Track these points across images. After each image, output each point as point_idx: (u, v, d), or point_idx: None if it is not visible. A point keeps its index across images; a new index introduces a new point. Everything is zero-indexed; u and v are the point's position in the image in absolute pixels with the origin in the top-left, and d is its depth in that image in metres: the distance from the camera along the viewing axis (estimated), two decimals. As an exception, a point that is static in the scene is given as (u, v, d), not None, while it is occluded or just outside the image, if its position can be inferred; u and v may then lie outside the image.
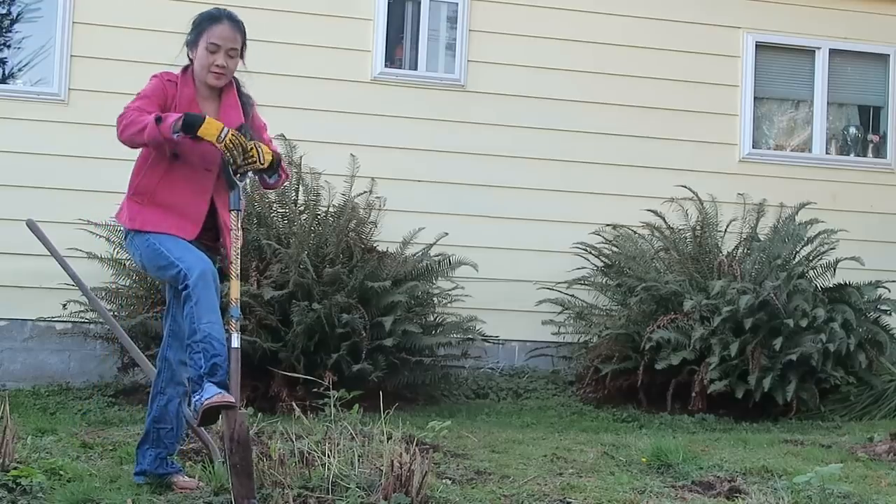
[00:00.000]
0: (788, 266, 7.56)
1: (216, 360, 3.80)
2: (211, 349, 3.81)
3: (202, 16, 4.17)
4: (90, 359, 7.43)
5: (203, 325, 3.82)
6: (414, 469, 3.88)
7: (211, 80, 4.11)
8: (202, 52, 4.07)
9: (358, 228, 7.15)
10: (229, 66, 4.11)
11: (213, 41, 4.06)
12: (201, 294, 3.85)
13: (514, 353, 8.30)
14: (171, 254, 3.95)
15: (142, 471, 4.24)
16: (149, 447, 4.23)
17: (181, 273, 3.90)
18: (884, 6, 9.16)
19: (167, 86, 4.07)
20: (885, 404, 7.33)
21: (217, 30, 4.07)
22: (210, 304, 3.86)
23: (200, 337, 3.81)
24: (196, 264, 3.90)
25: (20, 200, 7.29)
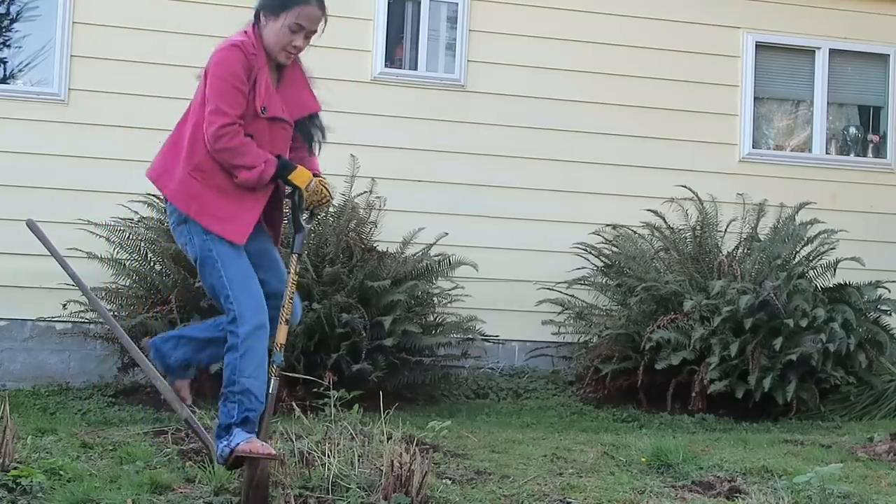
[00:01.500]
0: (788, 266, 7.56)
1: (249, 415, 3.67)
2: (248, 402, 3.67)
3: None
4: (90, 359, 7.43)
5: (244, 378, 3.66)
6: (414, 469, 3.88)
7: (282, 59, 3.84)
8: (283, 29, 3.77)
9: (358, 228, 7.15)
10: (304, 47, 3.90)
11: (300, 21, 3.79)
12: (249, 347, 3.66)
13: (514, 353, 8.30)
14: (230, 285, 3.68)
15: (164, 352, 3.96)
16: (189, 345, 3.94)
17: (233, 316, 3.68)
18: (884, 6, 9.16)
19: (251, 59, 3.72)
20: (885, 404, 7.33)
21: (307, 10, 3.80)
22: (257, 358, 3.68)
23: (239, 389, 3.66)
24: (252, 315, 3.66)
25: (20, 200, 7.29)
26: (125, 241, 6.98)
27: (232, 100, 3.67)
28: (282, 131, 3.85)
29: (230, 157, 3.67)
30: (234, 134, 3.65)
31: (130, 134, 7.42)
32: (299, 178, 3.77)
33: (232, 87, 3.68)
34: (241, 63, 3.71)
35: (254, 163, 3.66)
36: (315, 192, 3.82)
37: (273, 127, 3.80)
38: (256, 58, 3.75)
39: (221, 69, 3.71)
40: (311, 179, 3.80)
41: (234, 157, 3.66)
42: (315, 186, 3.81)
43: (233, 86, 3.68)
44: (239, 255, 3.73)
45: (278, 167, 3.71)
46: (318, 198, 3.85)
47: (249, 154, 3.66)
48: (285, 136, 3.87)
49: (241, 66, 3.70)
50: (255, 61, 3.74)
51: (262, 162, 3.67)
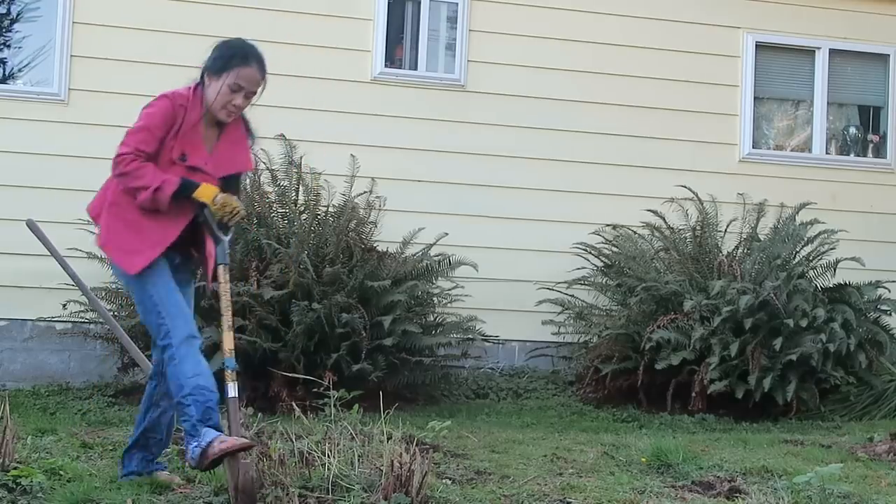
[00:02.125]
0: (788, 266, 7.57)
1: (208, 405, 3.83)
2: (201, 396, 3.83)
3: (233, 49, 4.10)
4: (90, 359, 7.43)
5: (188, 379, 3.84)
6: (414, 469, 3.88)
7: (222, 116, 4.07)
8: (223, 88, 4.00)
9: (358, 228, 7.15)
10: (244, 107, 4.10)
11: (239, 82, 4.02)
12: (184, 353, 3.87)
13: (514, 353, 8.30)
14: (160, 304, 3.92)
15: (129, 472, 4.28)
16: (136, 452, 4.27)
17: (165, 331, 3.90)
18: (884, 6, 9.16)
19: (177, 110, 3.98)
20: (885, 404, 7.33)
21: (245, 72, 4.03)
22: (194, 359, 3.88)
23: (189, 390, 3.83)
24: (181, 327, 3.90)
25: (20, 200, 7.29)
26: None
27: (138, 137, 3.94)
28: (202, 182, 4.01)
29: (127, 181, 3.92)
30: (129, 161, 3.90)
31: (130, 134, 7.41)
32: (203, 194, 3.96)
33: (145, 127, 3.95)
34: (165, 112, 3.96)
35: (149, 183, 3.88)
36: (223, 206, 3.99)
37: (192, 176, 3.99)
38: (186, 110, 3.99)
39: (144, 113, 4.00)
40: (216, 194, 3.98)
41: (130, 180, 3.91)
42: (222, 199, 3.98)
43: (146, 126, 3.95)
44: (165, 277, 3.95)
45: (180, 186, 3.91)
46: (227, 210, 4.00)
47: (145, 176, 3.89)
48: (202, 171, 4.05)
49: (163, 115, 3.96)
50: (181, 112, 3.98)
51: (158, 181, 3.88)
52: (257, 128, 4.32)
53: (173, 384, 3.89)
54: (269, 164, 7.18)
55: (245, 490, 3.74)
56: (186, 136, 3.97)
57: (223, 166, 4.11)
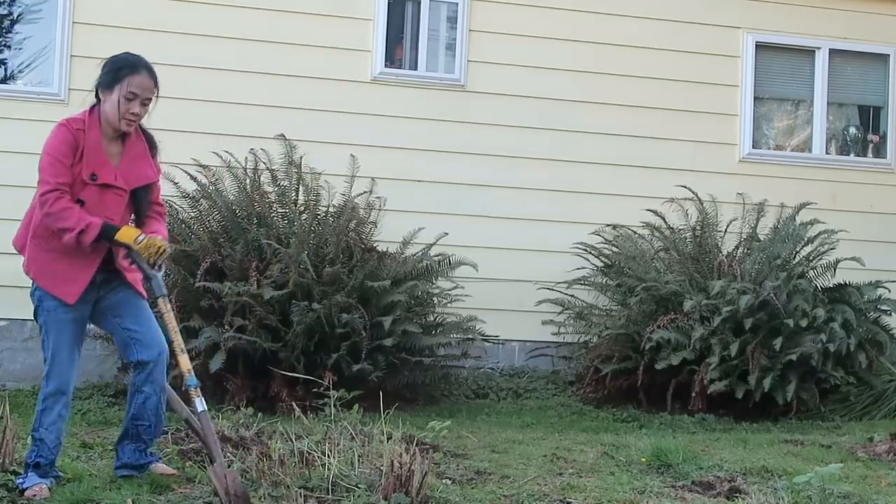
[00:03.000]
0: (788, 266, 7.57)
1: (40, 461, 4.14)
2: (41, 450, 4.14)
3: (120, 62, 4.27)
4: (90, 359, 7.39)
5: (42, 429, 4.15)
6: (414, 469, 3.88)
7: (123, 127, 4.20)
8: (118, 99, 4.16)
9: (358, 228, 7.15)
10: (142, 114, 4.24)
11: (132, 90, 4.18)
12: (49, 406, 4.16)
13: (514, 353, 8.30)
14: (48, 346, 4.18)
15: (122, 464, 4.36)
16: (128, 442, 4.36)
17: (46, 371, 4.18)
18: (884, 6, 9.16)
19: (76, 135, 4.12)
20: (885, 404, 7.33)
21: (136, 79, 4.20)
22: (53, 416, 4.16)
23: (38, 437, 4.15)
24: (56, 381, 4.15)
25: (20, 200, 7.25)
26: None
27: (53, 170, 4.09)
28: (115, 197, 4.21)
29: (53, 222, 4.09)
30: (54, 200, 4.06)
31: (130, 134, 7.41)
32: (124, 236, 4.15)
33: (54, 159, 4.09)
34: (64, 139, 4.11)
35: (74, 226, 4.05)
36: (147, 246, 4.18)
37: (104, 193, 4.17)
38: (83, 133, 4.14)
39: (47, 145, 4.14)
40: (137, 235, 4.17)
41: (55, 220, 4.08)
42: (145, 241, 4.17)
43: (55, 158, 4.09)
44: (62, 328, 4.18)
45: (102, 229, 4.08)
46: (151, 250, 4.19)
47: (70, 218, 4.06)
48: (119, 202, 4.22)
49: (64, 141, 4.11)
50: (80, 136, 4.13)
51: (83, 224, 4.05)
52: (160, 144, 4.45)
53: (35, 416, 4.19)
54: (269, 164, 7.18)
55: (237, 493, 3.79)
56: (91, 157, 4.12)
57: (131, 180, 4.25)
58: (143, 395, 4.28)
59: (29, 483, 4.08)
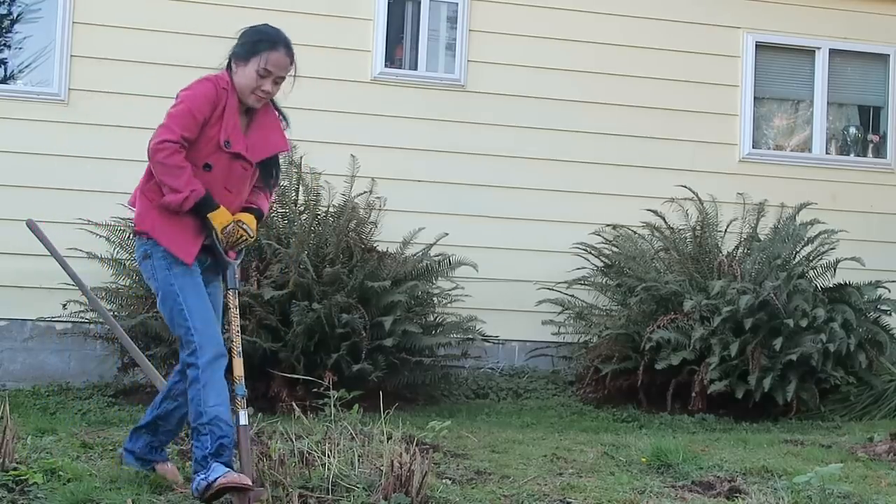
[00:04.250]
0: (788, 266, 7.57)
1: (223, 441, 3.80)
2: (219, 430, 3.80)
3: (260, 34, 4.06)
4: (90, 359, 7.43)
5: (210, 408, 3.81)
6: (414, 469, 3.88)
7: (251, 102, 4.02)
8: (251, 73, 3.96)
9: (358, 228, 7.15)
10: (273, 92, 4.06)
11: (267, 67, 3.97)
12: (210, 378, 3.82)
13: (514, 353, 8.30)
14: (189, 315, 3.85)
15: (132, 450, 4.29)
16: (145, 433, 4.27)
17: (192, 346, 3.84)
18: (884, 6, 9.16)
19: (220, 94, 3.93)
20: (885, 404, 7.33)
21: (274, 56, 3.99)
22: (218, 386, 3.83)
23: (207, 419, 3.80)
24: (209, 345, 3.83)
25: (20, 200, 7.29)
26: (125, 241, 6.98)
27: (183, 122, 3.85)
28: (241, 169, 4.02)
29: (162, 173, 3.84)
30: (172, 151, 3.82)
31: (130, 134, 7.40)
32: (217, 219, 3.92)
33: (189, 111, 3.87)
34: (207, 95, 3.90)
35: (180, 188, 3.82)
36: (230, 234, 3.98)
37: (233, 163, 3.98)
38: (228, 94, 3.95)
39: (187, 95, 3.92)
40: (228, 223, 3.95)
41: (165, 173, 3.83)
42: (232, 229, 3.97)
43: (190, 110, 3.87)
44: (198, 287, 3.91)
45: (199, 201, 3.85)
46: (234, 239, 4.01)
47: (180, 178, 3.82)
48: (243, 175, 4.04)
49: (206, 97, 3.90)
50: (224, 96, 3.93)
51: (188, 190, 3.82)
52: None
53: (193, 408, 3.85)
54: (269, 164, 7.17)
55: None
56: (229, 122, 3.93)
57: (259, 151, 4.07)
58: (176, 403, 4.17)
59: (216, 474, 3.73)
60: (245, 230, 4.02)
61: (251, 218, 4.09)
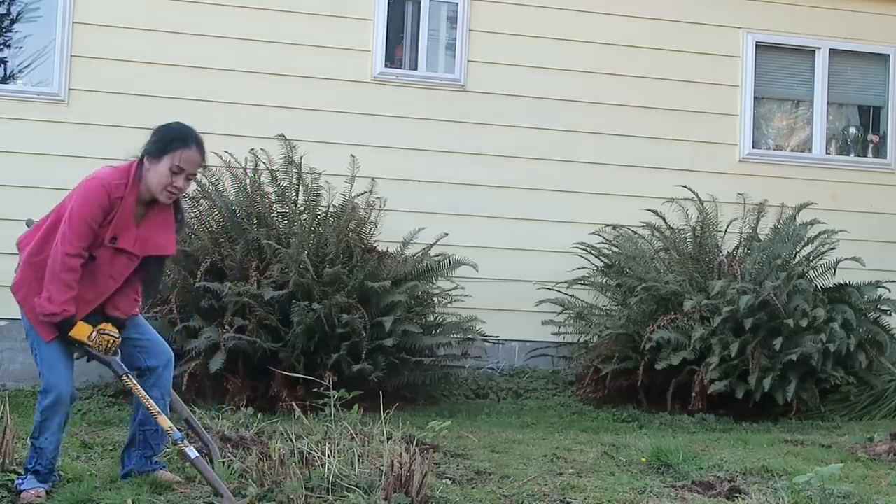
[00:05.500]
0: (788, 266, 7.57)
1: (39, 469, 4.11)
2: (40, 459, 4.11)
3: (171, 132, 4.15)
4: (90, 359, 7.42)
5: (42, 438, 4.11)
6: (414, 469, 3.88)
7: (163, 198, 4.14)
8: (163, 171, 4.07)
9: (358, 228, 7.15)
10: (184, 188, 4.17)
11: (180, 164, 4.08)
12: (49, 416, 4.11)
13: (514, 353, 8.30)
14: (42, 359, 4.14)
15: (127, 472, 4.33)
16: (135, 449, 4.35)
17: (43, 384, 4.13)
18: (884, 6, 9.16)
19: (114, 202, 4.05)
20: (885, 404, 7.33)
21: (187, 154, 4.09)
22: (54, 426, 4.12)
23: (38, 445, 4.12)
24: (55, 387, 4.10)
25: (20, 200, 7.28)
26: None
27: (81, 234, 4.03)
28: (126, 260, 4.17)
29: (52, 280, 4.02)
30: (70, 268, 4.01)
31: (130, 134, 7.28)
32: (77, 333, 4.11)
33: (85, 223, 4.04)
34: (100, 203, 4.05)
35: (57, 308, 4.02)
36: (98, 342, 4.16)
37: (118, 255, 4.14)
38: (121, 199, 4.08)
39: (82, 204, 4.06)
40: (89, 332, 4.13)
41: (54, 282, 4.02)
42: (96, 338, 4.15)
43: (86, 222, 4.04)
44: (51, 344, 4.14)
45: (62, 322, 4.07)
46: (103, 347, 4.19)
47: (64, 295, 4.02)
48: (128, 265, 4.18)
49: (99, 206, 4.04)
50: (117, 202, 4.07)
51: (62, 310, 4.03)
52: None
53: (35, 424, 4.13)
54: (269, 164, 7.18)
55: None
56: (119, 223, 4.07)
57: (148, 247, 4.20)
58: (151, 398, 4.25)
59: (27, 486, 4.08)
60: (109, 335, 4.18)
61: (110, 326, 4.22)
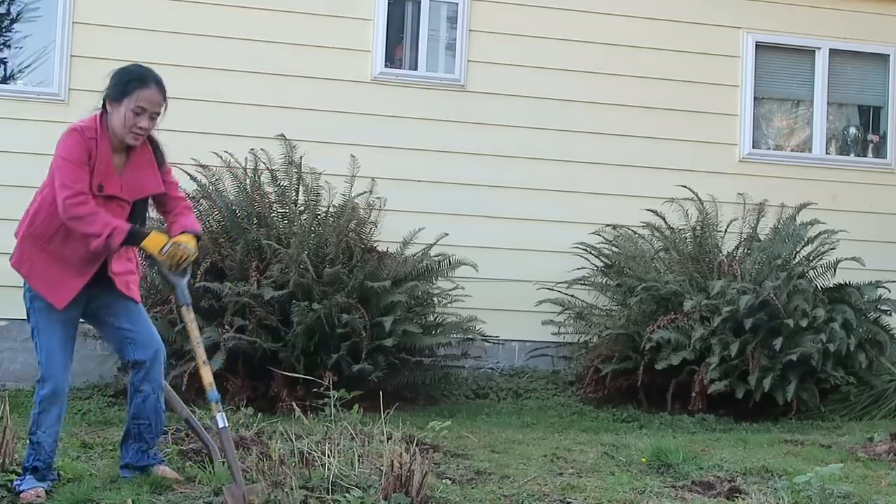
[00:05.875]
0: (788, 266, 7.57)
1: (38, 465, 4.11)
2: (39, 454, 4.12)
3: (129, 75, 4.20)
4: (90, 359, 7.42)
5: (40, 432, 4.13)
6: (414, 469, 3.88)
7: (130, 140, 4.15)
8: (126, 113, 4.10)
9: (358, 228, 7.15)
10: (150, 128, 4.18)
11: (140, 104, 4.11)
12: (45, 408, 4.14)
13: (514, 353, 8.30)
14: (41, 347, 4.17)
15: (125, 464, 4.36)
16: (131, 442, 4.36)
17: (40, 373, 4.15)
18: (884, 6, 9.16)
19: (89, 143, 4.07)
20: (885, 404, 7.33)
21: (146, 94, 4.12)
22: (51, 418, 4.14)
23: (35, 440, 4.12)
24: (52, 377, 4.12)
25: (20, 200, 7.25)
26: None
27: (73, 175, 4.03)
28: (118, 207, 4.16)
29: (79, 226, 4.03)
30: (77, 204, 4.01)
31: (130, 134, 7.40)
32: (151, 245, 4.12)
33: (73, 164, 4.04)
34: (78, 142, 4.06)
35: (100, 230, 4.00)
36: (171, 255, 4.16)
37: (108, 203, 4.11)
38: (96, 141, 4.09)
39: (63, 150, 4.07)
40: (164, 244, 4.13)
41: (81, 225, 4.02)
42: (170, 250, 4.14)
43: (73, 163, 4.04)
44: (52, 329, 4.18)
45: (127, 236, 4.05)
46: (175, 259, 4.18)
47: (97, 222, 4.00)
48: (121, 212, 4.17)
49: (80, 146, 4.06)
50: (93, 145, 4.08)
51: (109, 229, 4.00)
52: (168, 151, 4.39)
53: (31, 419, 4.15)
54: (269, 164, 7.18)
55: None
56: (100, 168, 4.08)
57: (135, 190, 4.21)
58: (142, 394, 4.29)
59: (26, 486, 4.08)
60: (184, 249, 4.17)
61: (189, 237, 4.24)
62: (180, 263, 4.19)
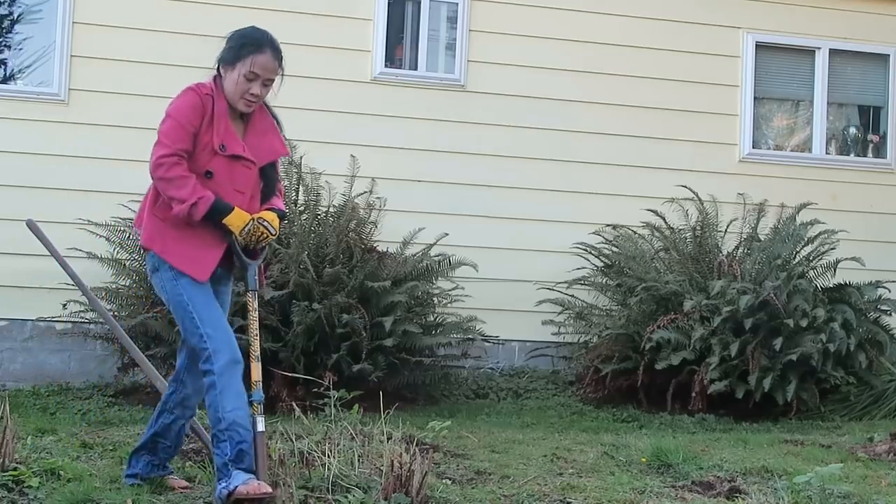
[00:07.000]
0: (788, 266, 7.57)
1: (242, 447, 3.76)
2: (237, 436, 3.76)
3: (245, 38, 3.98)
4: (90, 359, 7.43)
5: (227, 413, 3.77)
6: (414, 469, 3.88)
7: (241, 107, 3.97)
8: (238, 78, 3.92)
9: (358, 228, 7.15)
10: (262, 95, 4.01)
11: (254, 70, 3.92)
12: (226, 383, 3.79)
13: (514, 353, 8.30)
14: (200, 323, 3.85)
15: (133, 474, 4.23)
16: (144, 454, 4.20)
17: (206, 353, 3.82)
18: (884, 6, 9.16)
19: (205, 101, 3.88)
20: (885, 404, 7.33)
21: (260, 59, 3.93)
22: (235, 390, 3.80)
23: (226, 425, 3.77)
24: (223, 350, 3.82)
25: (20, 200, 7.29)
26: (125, 241, 6.98)
27: (174, 135, 3.82)
28: (244, 170, 3.96)
29: (165, 188, 3.82)
30: (171, 165, 3.79)
31: (130, 134, 7.41)
32: (233, 221, 3.88)
33: (177, 123, 3.84)
34: (192, 104, 3.87)
35: (185, 197, 3.78)
36: (251, 233, 3.93)
37: (234, 165, 3.93)
38: (213, 100, 3.90)
39: (172, 108, 3.90)
40: (246, 223, 3.91)
41: (168, 187, 3.81)
42: (252, 228, 3.92)
43: (178, 122, 3.84)
44: (207, 295, 3.89)
45: (211, 207, 3.81)
46: (255, 237, 3.96)
47: (185, 187, 3.79)
48: (248, 175, 3.98)
49: (191, 106, 3.86)
50: (209, 103, 3.88)
51: (195, 198, 3.78)
52: None
53: (211, 413, 3.81)
54: (269, 164, 7.17)
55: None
56: (220, 126, 3.88)
57: (261, 153, 4.02)
58: (173, 416, 4.12)
59: (236, 482, 3.70)
60: (266, 227, 3.97)
61: (272, 215, 4.03)
62: (259, 241, 3.98)
